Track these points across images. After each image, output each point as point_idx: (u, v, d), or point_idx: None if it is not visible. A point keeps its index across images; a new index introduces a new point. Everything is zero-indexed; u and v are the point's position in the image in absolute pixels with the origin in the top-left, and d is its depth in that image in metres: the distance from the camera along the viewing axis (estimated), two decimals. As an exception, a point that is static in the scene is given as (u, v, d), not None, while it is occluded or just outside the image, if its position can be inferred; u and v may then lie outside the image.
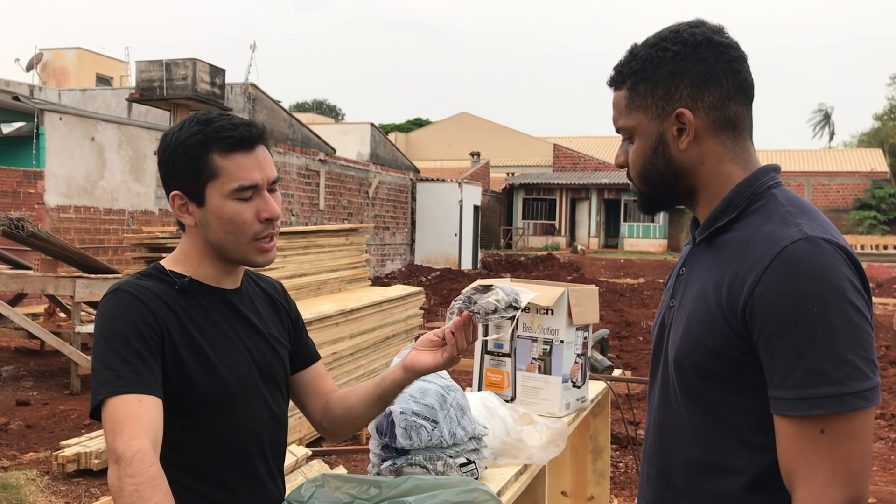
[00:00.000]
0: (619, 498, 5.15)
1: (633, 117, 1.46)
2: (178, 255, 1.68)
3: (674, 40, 1.41)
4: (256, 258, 1.63)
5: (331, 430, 1.85)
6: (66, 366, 8.63)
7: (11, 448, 6.22)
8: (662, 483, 1.49)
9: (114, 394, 1.41)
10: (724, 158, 1.42)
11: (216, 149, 1.57)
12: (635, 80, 1.45)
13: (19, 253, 9.91)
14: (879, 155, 39.57)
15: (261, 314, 1.73)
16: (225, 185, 1.57)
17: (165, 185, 1.64)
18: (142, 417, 1.40)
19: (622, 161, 1.53)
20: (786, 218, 1.33)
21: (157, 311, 1.52)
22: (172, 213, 1.66)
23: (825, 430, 1.23)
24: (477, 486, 1.52)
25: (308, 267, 7.53)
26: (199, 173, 1.57)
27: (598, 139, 45.14)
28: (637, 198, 1.55)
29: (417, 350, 1.73)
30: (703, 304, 1.37)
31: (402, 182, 24.04)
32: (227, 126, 1.58)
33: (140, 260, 6.23)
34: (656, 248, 34.24)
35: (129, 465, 1.33)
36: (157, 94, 17.45)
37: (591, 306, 2.63)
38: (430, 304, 14.22)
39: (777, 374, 1.26)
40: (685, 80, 1.40)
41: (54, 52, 28.35)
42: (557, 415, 2.48)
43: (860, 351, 1.23)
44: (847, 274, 1.26)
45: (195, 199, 1.59)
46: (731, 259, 1.35)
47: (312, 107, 59.69)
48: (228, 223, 1.58)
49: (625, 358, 9.87)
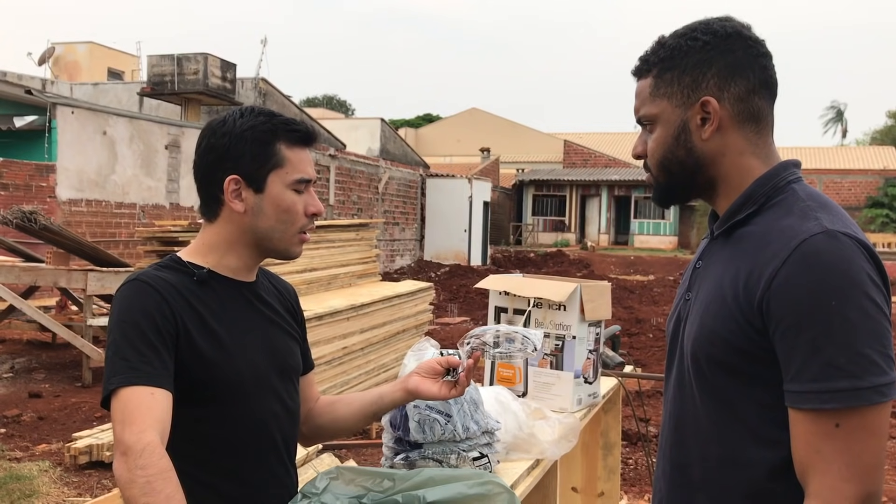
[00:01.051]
0: (629, 494, 5.15)
1: (657, 105, 1.45)
2: (198, 245, 1.67)
3: (704, 31, 1.42)
4: (296, 248, 1.68)
5: (309, 436, 1.88)
6: (77, 358, 8.68)
7: (24, 440, 6.26)
8: (678, 477, 1.49)
9: (126, 384, 1.41)
10: (745, 151, 1.42)
11: (284, 139, 1.62)
12: (662, 67, 1.44)
13: (32, 246, 9.96)
14: (892, 153, 39.37)
15: (276, 309, 1.74)
16: (288, 175, 1.62)
17: (215, 169, 1.62)
18: (152, 410, 1.40)
19: (640, 151, 1.52)
20: (805, 212, 1.33)
21: (173, 302, 1.53)
22: (203, 199, 1.66)
23: (840, 424, 1.22)
24: (490, 479, 1.53)
25: (318, 262, 7.55)
26: (266, 160, 1.60)
27: (608, 135, 45.06)
28: (653, 189, 1.54)
29: (421, 377, 1.74)
30: (720, 297, 1.37)
31: (412, 178, 24.05)
32: (292, 121, 1.65)
33: (152, 254, 6.25)
34: (666, 245, 34.16)
35: (139, 456, 1.33)
36: (168, 89, 17.53)
37: (603, 302, 2.62)
38: (439, 300, 14.23)
39: (793, 367, 1.26)
40: (713, 70, 1.40)
41: (66, 46, 28.48)
42: (569, 410, 2.48)
43: (877, 346, 1.23)
44: (866, 268, 1.26)
45: (254, 184, 1.61)
46: (748, 252, 1.35)
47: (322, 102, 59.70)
48: (285, 212, 1.62)
49: (635, 355, 9.85)
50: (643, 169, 1.56)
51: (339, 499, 1.51)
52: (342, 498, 1.51)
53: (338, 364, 6.47)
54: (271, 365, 1.66)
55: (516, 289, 2.61)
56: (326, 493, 1.54)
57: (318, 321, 6.06)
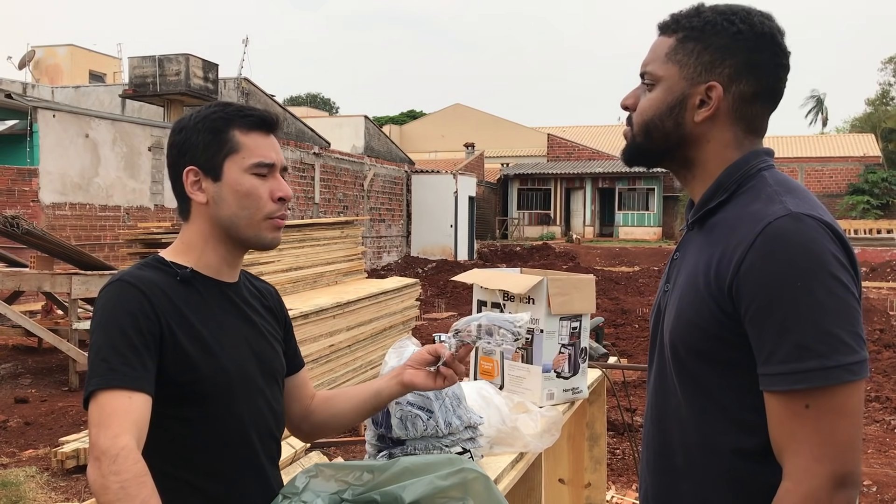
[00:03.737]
0: (616, 484, 5.18)
1: (667, 68, 1.44)
2: (179, 245, 1.67)
3: (743, 19, 1.41)
4: (267, 235, 1.65)
5: (309, 432, 1.89)
6: (63, 363, 8.65)
7: (10, 445, 6.24)
8: (662, 466, 1.50)
9: (105, 387, 1.40)
10: (729, 145, 1.43)
11: (237, 125, 1.62)
12: (689, 34, 1.43)
13: (15, 251, 9.91)
14: (872, 140, 39.59)
15: (258, 311, 1.74)
16: (245, 160, 1.61)
17: (177, 165, 1.64)
18: (129, 414, 1.39)
19: (630, 103, 1.51)
20: (771, 197, 1.34)
21: (157, 302, 1.52)
22: (176, 199, 1.67)
23: (810, 405, 1.24)
24: (464, 465, 1.53)
25: (304, 260, 7.54)
26: (220, 147, 1.60)
27: (591, 128, 45.13)
28: (626, 146, 1.53)
29: (414, 369, 1.75)
30: (693, 285, 1.38)
31: (397, 174, 24.02)
32: (247, 107, 1.66)
33: (136, 255, 6.24)
34: (651, 235, 34.28)
35: (113, 462, 1.32)
36: (150, 90, 17.43)
37: (579, 296, 2.58)
38: (426, 296, 14.24)
39: (764, 350, 1.27)
40: (734, 60, 1.40)
41: (46, 49, 28.26)
42: (538, 405, 2.46)
43: (846, 325, 1.24)
44: (832, 249, 1.26)
45: (211, 173, 1.61)
46: (719, 239, 1.37)
47: (306, 100, 59.53)
48: (245, 196, 1.61)
49: (621, 346, 9.90)
50: (625, 122, 1.54)
51: (319, 496, 1.52)
52: (322, 495, 1.52)
53: (325, 362, 6.47)
54: (255, 366, 1.66)
55: (484, 282, 2.64)
56: (306, 492, 1.55)
57: (304, 320, 6.07)
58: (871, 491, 5.15)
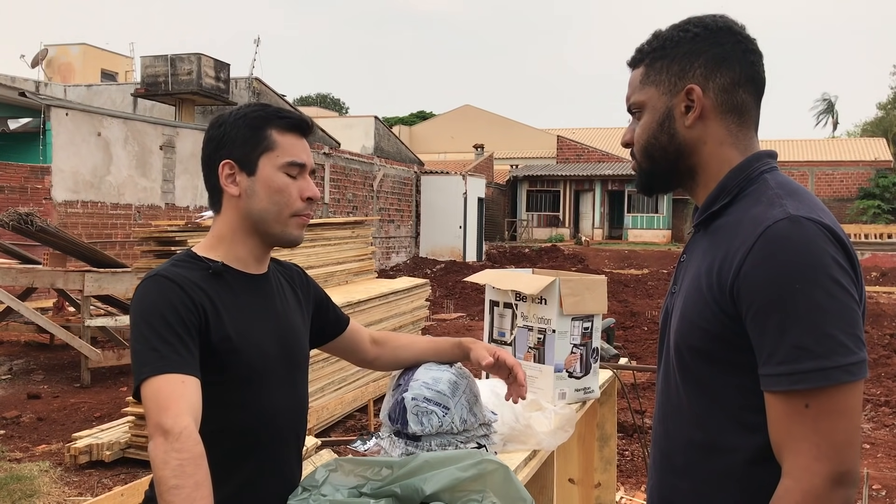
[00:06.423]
0: (625, 485, 5.19)
1: (646, 92, 1.50)
2: (210, 239, 1.73)
3: (696, 24, 1.47)
4: (293, 231, 1.72)
5: (380, 368, 2.16)
6: (75, 359, 8.70)
7: (24, 440, 6.29)
8: (666, 465, 1.53)
9: (158, 373, 1.45)
10: (725, 142, 1.46)
11: (275, 125, 1.70)
12: (654, 56, 1.49)
13: (28, 248, 9.97)
14: (883, 144, 39.43)
15: (287, 300, 1.80)
16: (279, 158, 1.68)
17: (213, 158, 1.70)
18: (185, 397, 1.43)
19: (628, 139, 1.57)
20: (772, 200, 1.36)
21: (194, 295, 1.57)
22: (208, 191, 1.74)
23: (809, 405, 1.26)
24: (483, 457, 1.56)
25: (315, 259, 7.58)
26: (257, 144, 1.68)
27: (601, 130, 45.06)
28: (637, 177, 1.58)
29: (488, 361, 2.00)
30: (697, 287, 1.41)
31: (407, 175, 24.05)
32: (285, 110, 1.74)
33: (149, 254, 6.26)
34: (660, 238, 34.21)
35: (177, 440, 1.37)
36: (162, 90, 17.49)
37: (591, 296, 2.60)
38: (435, 297, 14.25)
39: (764, 351, 1.29)
40: (700, 60, 1.45)
41: (59, 48, 28.41)
42: (551, 405, 2.46)
43: (844, 326, 1.26)
44: (831, 251, 1.28)
45: (246, 167, 1.67)
46: (721, 242, 1.39)
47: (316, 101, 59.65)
48: (276, 192, 1.67)
49: (630, 348, 9.90)
50: (630, 158, 1.61)
51: (338, 490, 1.54)
52: (342, 489, 1.55)
53: (336, 361, 6.50)
54: (282, 356, 1.71)
55: (496, 282, 2.65)
56: (326, 485, 1.57)
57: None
58: (881, 495, 5.15)
